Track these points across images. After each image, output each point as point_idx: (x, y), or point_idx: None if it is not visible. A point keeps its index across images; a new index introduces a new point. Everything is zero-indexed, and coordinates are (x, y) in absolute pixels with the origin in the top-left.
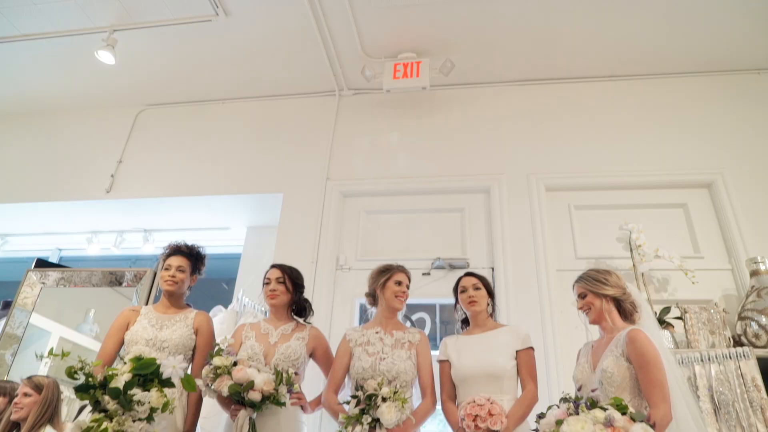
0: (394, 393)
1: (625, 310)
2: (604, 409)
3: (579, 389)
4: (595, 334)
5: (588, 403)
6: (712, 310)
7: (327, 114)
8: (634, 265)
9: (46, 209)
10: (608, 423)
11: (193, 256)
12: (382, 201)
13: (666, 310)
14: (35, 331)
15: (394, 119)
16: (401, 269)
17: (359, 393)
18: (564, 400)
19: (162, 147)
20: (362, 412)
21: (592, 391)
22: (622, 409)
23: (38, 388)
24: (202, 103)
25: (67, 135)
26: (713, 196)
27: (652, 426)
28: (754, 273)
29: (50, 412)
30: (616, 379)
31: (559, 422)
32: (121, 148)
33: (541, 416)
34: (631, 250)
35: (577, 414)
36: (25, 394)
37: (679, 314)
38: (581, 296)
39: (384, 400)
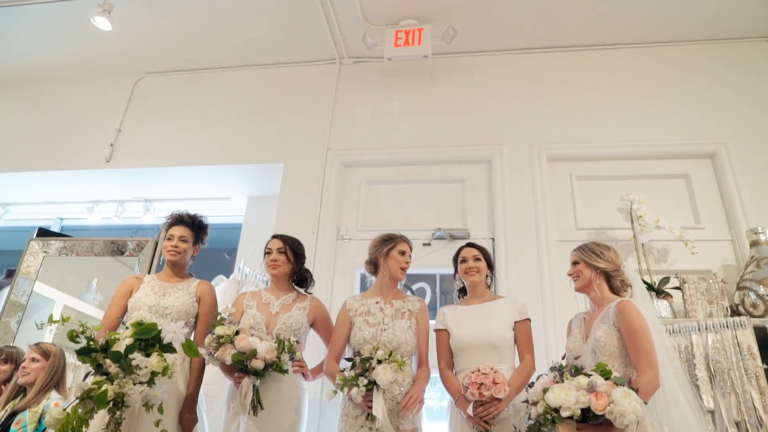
0: (389, 355)
1: (614, 286)
2: (588, 376)
3: (576, 359)
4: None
5: (572, 370)
6: (710, 281)
7: (327, 83)
8: (634, 236)
9: (46, 178)
10: (591, 388)
11: (195, 226)
12: (382, 171)
13: (665, 280)
14: (39, 299)
15: (396, 88)
16: (405, 239)
17: (356, 357)
18: (553, 368)
19: (161, 116)
20: (358, 375)
21: (575, 358)
22: (606, 375)
23: (46, 354)
24: (200, 72)
25: (65, 104)
26: (716, 167)
27: (636, 391)
28: (754, 243)
29: (56, 377)
30: (609, 348)
31: (545, 390)
32: (119, 117)
33: (530, 385)
34: (632, 221)
35: (562, 382)
36: (33, 359)
37: (677, 284)
38: (574, 263)
39: (379, 362)
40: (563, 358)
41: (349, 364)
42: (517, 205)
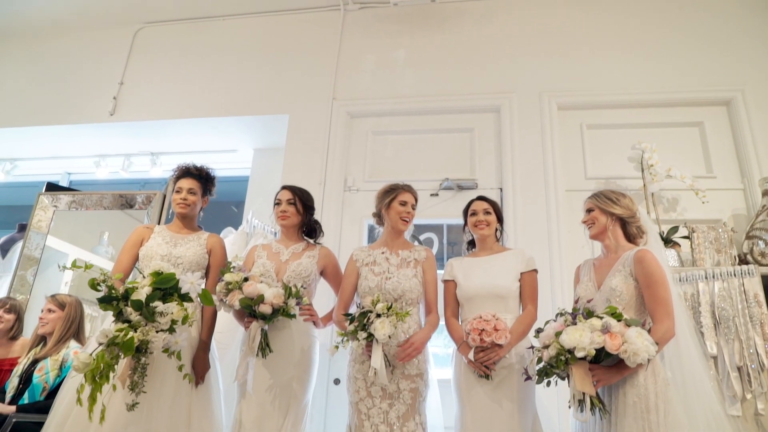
0: (388, 309)
1: (630, 233)
2: (601, 318)
3: (588, 303)
4: (598, 252)
5: (585, 313)
6: (720, 230)
7: (332, 30)
8: (644, 185)
9: (52, 133)
10: (605, 329)
11: (203, 178)
12: (389, 121)
13: (674, 229)
14: (53, 253)
15: (402, 36)
16: (406, 189)
17: (356, 310)
18: (560, 314)
19: (163, 67)
20: (357, 328)
21: (588, 302)
22: (618, 317)
23: (61, 305)
24: (201, 20)
25: (67, 56)
26: (731, 115)
27: (656, 341)
28: (767, 192)
29: (74, 327)
30: (624, 297)
31: (558, 333)
32: (121, 68)
33: (539, 331)
34: (643, 170)
35: (575, 325)
36: (50, 310)
37: (686, 234)
38: (588, 210)
39: (378, 316)
40: (576, 302)
41: (349, 318)
42: (526, 155)
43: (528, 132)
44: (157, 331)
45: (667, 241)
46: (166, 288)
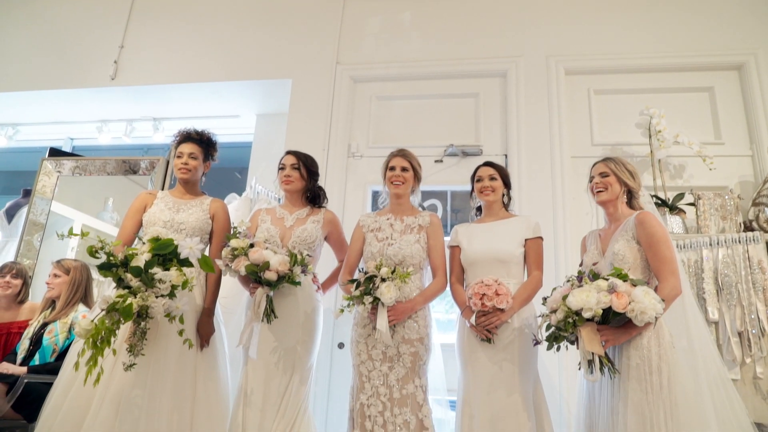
0: (392, 272)
1: (633, 206)
2: (606, 279)
3: (594, 265)
4: (603, 220)
5: (590, 275)
6: (726, 197)
7: None
8: (651, 152)
9: (53, 97)
10: (612, 289)
11: (204, 143)
12: (393, 86)
13: (679, 196)
14: (58, 219)
15: None
16: (397, 153)
17: (360, 275)
18: (568, 280)
19: (164, 30)
20: (363, 293)
21: (593, 264)
22: (623, 278)
23: (66, 270)
24: None
25: (67, 18)
26: (742, 79)
27: (662, 298)
28: None
29: (81, 291)
30: (628, 260)
31: (565, 297)
32: (121, 31)
33: (546, 298)
34: (650, 136)
35: (581, 287)
36: (55, 275)
37: (692, 201)
38: (602, 174)
39: (383, 280)
40: (580, 267)
41: (355, 283)
42: (532, 121)
43: (534, 97)
44: (157, 297)
45: (673, 208)
46: (164, 254)
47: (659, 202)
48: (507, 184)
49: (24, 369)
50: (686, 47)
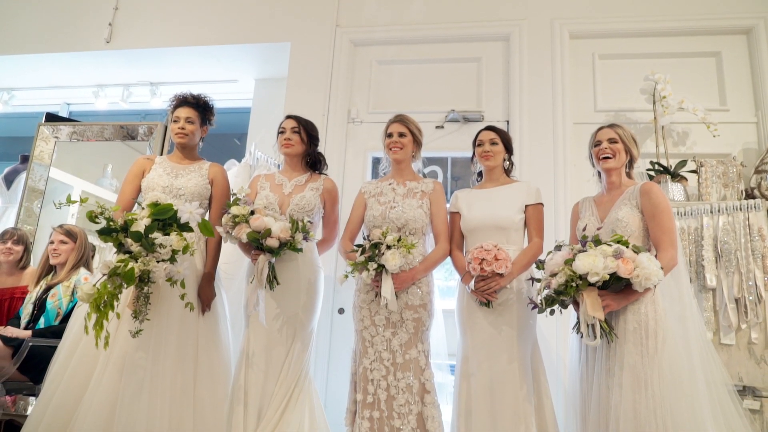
0: (398, 240)
1: (631, 174)
2: (610, 245)
3: (598, 230)
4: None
5: (594, 241)
6: (729, 164)
7: None
8: (655, 118)
9: (49, 61)
10: (618, 255)
11: (200, 107)
12: (394, 50)
13: (681, 163)
14: (58, 185)
15: None
16: (395, 119)
17: (365, 242)
18: (558, 247)
19: None
20: (368, 259)
21: (597, 229)
22: (624, 245)
23: (72, 235)
24: None
25: None
26: (750, 44)
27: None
28: None
29: (86, 255)
30: (631, 227)
31: (568, 261)
32: None
33: (540, 263)
34: (654, 102)
35: (585, 252)
36: (62, 242)
37: (694, 168)
38: (612, 140)
39: (389, 247)
40: (584, 229)
41: (359, 249)
42: (535, 86)
43: (538, 62)
44: (158, 261)
45: (674, 176)
46: (164, 219)
47: (661, 169)
48: (509, 149)
49: (28, 333)
50: (694, 10)
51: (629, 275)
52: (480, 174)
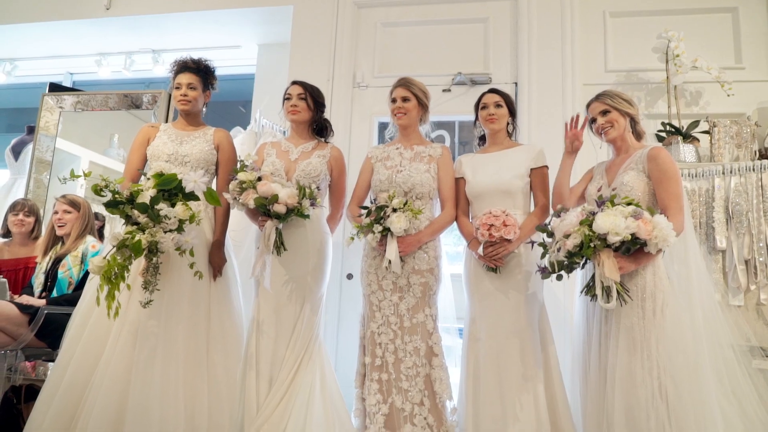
0: (404, 204)
1: (638, 131)
2: (625, 206)
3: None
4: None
5: (610, 201)
6: (742, 124)
7: None
8: (667, 78)
9: (50, 30)
10: (637, 215)
11: (202, 71)
12: (399, 11)
13: (694, 124)
14: (65, 156)
15: None
16: (398, 83)
17: (371, 205)
18: (558, 213)
19: None
20: (374, 222)
21: (613, 190)
22: (637, 206)
23: (75, 204)
24: None
25: None
26: None
27: None
28: None
29: (90, 224)
30: (636, 192)
31: (583, 222)
32: None
33: (542, 227)
34: (667, 62)
35: (600, 212)
36: (65, 211)
37: (707, 128)
38: (605, 112)
39: (395, 210)
40: (599, 190)
41: (365, 211)
42: (544, 46)
43: (546, 21)
44: (165, 232)
45: (686, 136)
46: (169, 189)
47: (672, 130)
48: (512, 113)
49: (43, 301)
50: None
51: (648, 236)
52: (482, 138)
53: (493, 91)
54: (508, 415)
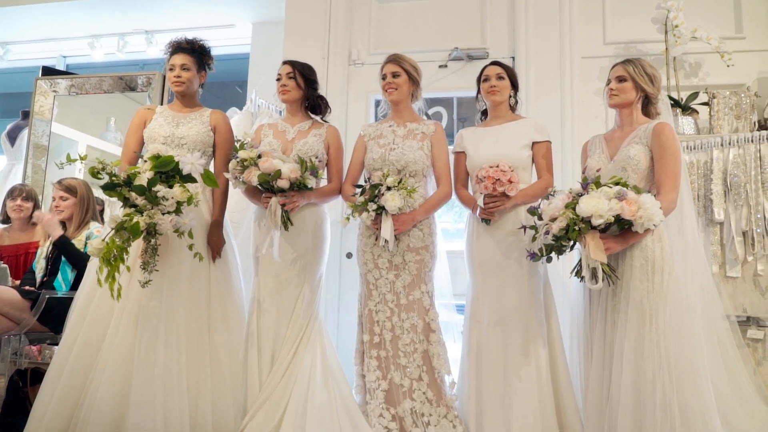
0: (399, 182)
1: (649, 111)
2: (611, 187)
3: (597, 171)
4: (611, 125)
5: (595, 183)
6: (742, 95)
7: None
8: (666, 49)
9: (42, 12)
10: (621, 196)
11: (196, 52)
12: None
13: (693, 95)
14: (62, 140)
15: None
16: (387, 59)
17: (365, 184)
18: (552, 194)
19: None
20: (368, 200)
21: (597, 171)
22: (623, 186)
23: (71, 190)
24: None
25: None
26: None
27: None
28: None
29: (91, 209)
30: (640, 166)
31: (568, 205)
32: None
33: (533, 210)
34: (666, 32)
35: (585, 194)
36: (62, 198)
37: (706, 100)
38: (620, 79)
39: (389, 188)
40: (584, 172)
41: (359, 190)
42: (541, 19)
43: None
44: (163, 214)
45: (685, 109)
46: (166, 171)
47: (672, 102)
48: (514, 85)
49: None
50: None
51: (632, 217)
52: (484, 112)
53: (495, 63)
54: (511, 388)
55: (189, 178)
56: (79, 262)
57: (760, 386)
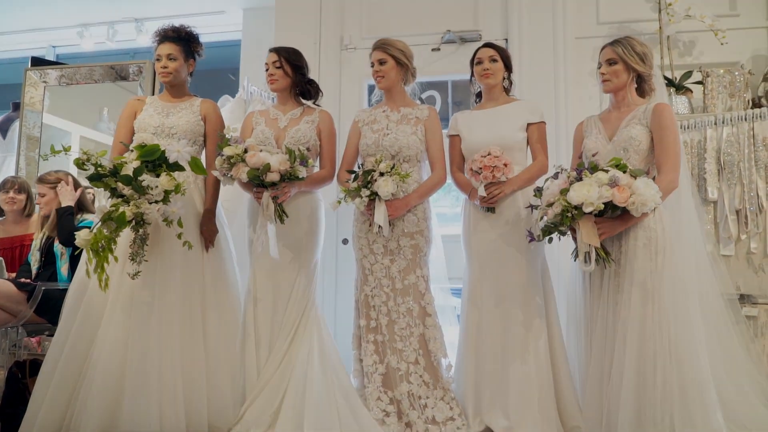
0: (392, 168)
1: (643, 89)
2: (606, 171)
3: (594, 156)
4: (606, 105)
5: (590, 168)
6: (736, 73)
7: None
8: (660, 28)
9: (29, 1)
10: (613, 183)
11: (183, 40)
12: None
13: (687, 74)
14: (55, 132)
15: None
16: (375, 46)
17: (359, 170)
18: (556, 174)
19: None
20: (361, 186)
21: (593, 155)
22: (622, 169)
23: (52, 185)
24: None
25: None
26: None
27: (660, 190)
28: None
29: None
30: (642, 147)
31: (563, 191)
32: None
33: (539, 190)
34: (660, 11)
35: (581, 180)
36: (41, 195)
37: (700, 79)
38: (610, 62)
39: (382, 174)
40: (580, 157)
41: (352, 176)
42: (534, 0)
43: None
44: (150, 203)
45: (679, 88)
46: (153, 160)
47: (666, 81)
48: (508, 67)
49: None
50: None
51: (624, 203)
52: (479, 95)
53: (488, 45)
54: (509, 371)
55: (176, 167)
56: (66, 234)
57: (755, 362)
